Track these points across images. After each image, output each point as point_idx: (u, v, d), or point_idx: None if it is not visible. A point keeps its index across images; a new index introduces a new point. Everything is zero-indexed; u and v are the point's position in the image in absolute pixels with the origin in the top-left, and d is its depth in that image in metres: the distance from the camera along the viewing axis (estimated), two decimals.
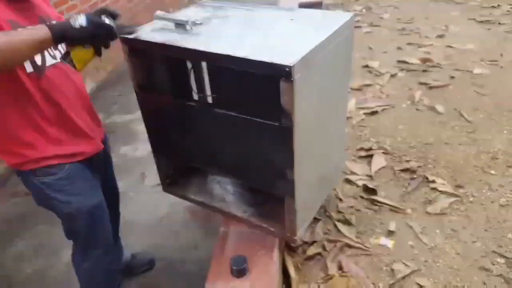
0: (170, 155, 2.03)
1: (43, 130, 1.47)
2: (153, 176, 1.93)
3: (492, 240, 2.10)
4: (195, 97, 2.09)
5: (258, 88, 1.72)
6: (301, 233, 1.89)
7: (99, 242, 1.77)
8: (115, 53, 1.64)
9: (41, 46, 1.23)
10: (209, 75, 2.11)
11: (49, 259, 2.34)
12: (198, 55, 1.53)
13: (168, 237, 2.42)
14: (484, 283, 1.89)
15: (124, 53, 1.65)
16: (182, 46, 1.48)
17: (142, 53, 1.67)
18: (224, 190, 2.09)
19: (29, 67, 1.36)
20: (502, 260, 1.99)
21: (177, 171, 2.13)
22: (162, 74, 1.85)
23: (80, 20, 1.23)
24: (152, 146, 1.96)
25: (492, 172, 2.57)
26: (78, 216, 1.62)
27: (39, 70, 1.39)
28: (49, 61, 1.43)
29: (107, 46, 1.34)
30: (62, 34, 1.22)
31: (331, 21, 1.67)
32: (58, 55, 1.48)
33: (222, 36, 1.55)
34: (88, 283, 1.87)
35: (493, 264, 1.97)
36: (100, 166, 1.76)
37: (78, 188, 1.60)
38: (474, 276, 1.92)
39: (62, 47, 1.49)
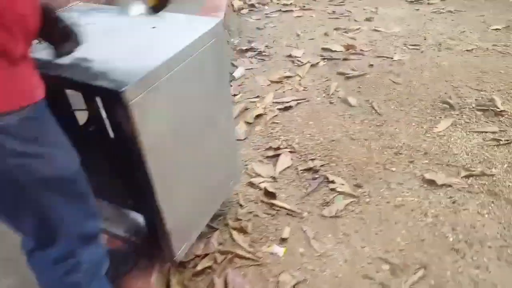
0: None
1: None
2: None
3: (380, 245, 2.09)
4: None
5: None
6: (181, 254, 1.84)
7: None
8: None
9: None
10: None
11: (20, 275, 2.11)
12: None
13: None
14: None
15: None
16: None
17: None
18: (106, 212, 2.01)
19: None
20: (386, 267, 1.98)
21: None
22: None
23: None
24: None
25: (393, 169, 2.57)
26: (74, 176, 1.19)
27: None
28: None
29: None
30: None
31: (193, 29, 1.59)
32: None
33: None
34: None
35: (377, 272, 1.97)
36: None
37: (54, 134, 1.11)
38: (356, 285, 1.93)
39: None
